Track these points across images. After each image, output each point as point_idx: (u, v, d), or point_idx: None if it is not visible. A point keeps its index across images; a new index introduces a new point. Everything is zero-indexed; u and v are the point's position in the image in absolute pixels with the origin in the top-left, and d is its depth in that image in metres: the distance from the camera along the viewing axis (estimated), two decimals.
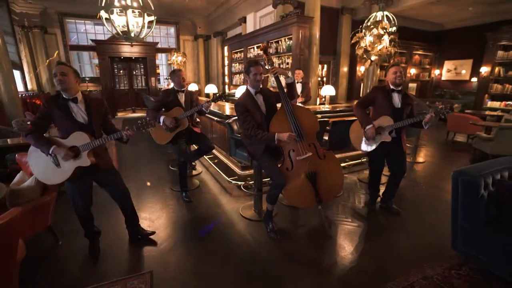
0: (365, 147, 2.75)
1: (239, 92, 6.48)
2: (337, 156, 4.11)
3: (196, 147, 3.26)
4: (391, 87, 2.65)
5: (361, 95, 7.56)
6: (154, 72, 10.70)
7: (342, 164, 4.20)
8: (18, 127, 4.44)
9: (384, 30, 4.38)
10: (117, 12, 5.83)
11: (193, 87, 7.93)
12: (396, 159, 2.78)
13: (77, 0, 8.41)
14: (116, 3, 5.71)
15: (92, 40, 9.10)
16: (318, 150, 2.42)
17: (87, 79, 9.93)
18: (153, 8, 6.11)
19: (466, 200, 2.02)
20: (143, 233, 2.43)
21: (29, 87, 8.65)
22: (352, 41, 4.84)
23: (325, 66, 8.17)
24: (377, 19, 5.08)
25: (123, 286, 1.87)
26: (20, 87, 8.11)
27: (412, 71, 9.54)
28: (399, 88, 2.65)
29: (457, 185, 2.06)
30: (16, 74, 7.99)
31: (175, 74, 3.03)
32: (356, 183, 3.75)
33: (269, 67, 2.49)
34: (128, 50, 9.47)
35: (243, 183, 3.57)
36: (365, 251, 2.31)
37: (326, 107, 4.16)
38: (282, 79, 2.47)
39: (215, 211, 3.00)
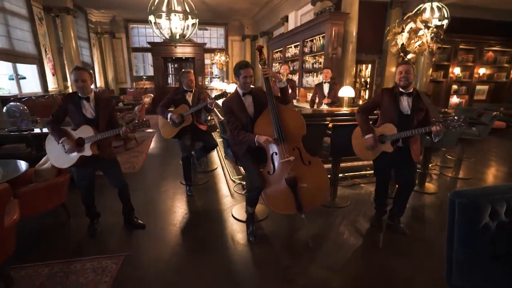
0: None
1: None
2: (354, 164, 3.83)
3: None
4: (400, 89, 2.33)
5: None
6: (202, 71, 11.38)
7: (358, 173, 3.86)
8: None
9: (424, 24, 3.83)
10: (165, 17, 6.37)
11: (234, 87, 8.13)
12: (404, 170, 2.44)
13: (140, 7, 9.47)
14: (163, 9, 6.23)
15: (148, 43, 10.14)
16: (303, 155, 2.28)
17: (144, 77, 11.11)
18: (195, 12, 6.48)
19: (463, 228, 1.67)
20: (134, 222, 2.65)
21: (98, 84, 10.10)
22: (388, 38, 4.37)
23: (369, 66, 7.53)
24: (423, 11, 4.48)
25: (99, 263, 2.09)
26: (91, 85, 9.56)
27: (482, 71, 8.09)
28: (410, 90, 2.31)
29: (454, 209, 1.71)
30: None
31: (184, 75, 3.19)
32: (371, 195, 3.40)
33: (262, 67, 2.43)
34: (178, 51, 10.26)
35: (244, 181, 3.57)
36: (346, 271, 2.09)
37: (344, 110, 3.85)
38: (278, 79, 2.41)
39: (211, 207, 3.08)
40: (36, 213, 2.55)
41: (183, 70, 3.27)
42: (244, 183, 3.55)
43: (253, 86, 2.46)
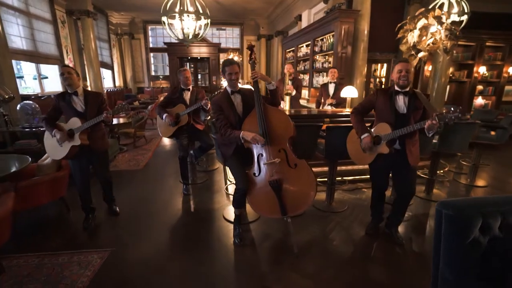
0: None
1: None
2: (357, 167, 3.68)
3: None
4: (396, 88, 2.20)
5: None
6: (217, 71, 11.50)
7: (360, 177, 3.69)
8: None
9: (437, 20, 3.59)
10: (178, 18, 6.49)
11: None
12: (402, 176, 2.30)
13: (157, 9, 9.74)
14: (176, 10, 6.33)
15: (165, 43, 10.40)
16: (289, 158, 2.20)
17: (161, 76, 11.42)
18: (208, 12, 6.54)
19: (450, 243, 1.53)
20: (112, 208, 2.88)
21: (117, 84, 10.51)
22: (398, 36, 4.15)
23: (385, 65, 7.21)
24: (440, 6, 4.20)
25: (85, 257, 2.16)
26: (110, 84, 9.98)
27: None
28: (406, 89, 2.17)
29: (440, 221, 1.57)
30: (108, 73, 9.86)
31: (180, 73, 3.23)
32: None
33: (251, 71, 2.39)
34: (193, 51, 10.45)
35: None
36: (327, 281, 1.99)
37: (347, 111, 3.70)
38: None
39: (204, 207, 3.08)
40: (36, 206, 2.68)
41: (180, 68, 3.30)
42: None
43: (245, 87, 2.44)
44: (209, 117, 3.73)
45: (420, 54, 3.81)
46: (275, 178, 2.16)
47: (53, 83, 6.95)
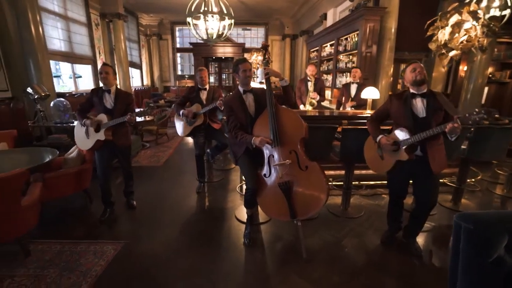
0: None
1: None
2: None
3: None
4: (411, 90, 2.06)
5: (461, 100, 5.96)
6: None
7: (380, 182, 3.51)
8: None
9: (472, 15, 3.32)
10: (202, 19, 6.63)
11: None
12: (422, 184, 2.14)
13: (184, 10, 10.05)
14: (201, 10, 6.46)
15: (190, 43, 10.68)
16: (300, 160, 2.15)
17: (187, 76, 11.74)
18: (232, 13, 6.60)
19: (469, 260, 1.40)
20: (130, 202, 3.01)
21: (145, 83, 10.98)
22: (428, 33, 3.91)
23: None
24: (475, 1, 3.88)
25: (100, 247, 2.27)
26: (138, 83, 10.45)
27: None
28: (424, 91, 2.02)
29: (459, 236, 1.45)
30: (137, 72, 10.33)
31: (197, 72, 3.29)
32: None
33: (264, 66, 2.37)
34: (218, 51, 10.61)
35: None
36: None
37: (367, 112, 3.53)
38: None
39: (218, 206, 3.11)
40: (62, 196, 2.87)
41: (198, 68, 3.35)
42: None
43: (257, 87, 2.43)
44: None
45: (452, 53, 3.56)
46: (284, 180, 2.12)
47: (87, 82, 7.41)
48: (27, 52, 4.67)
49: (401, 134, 2.06)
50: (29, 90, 4.01)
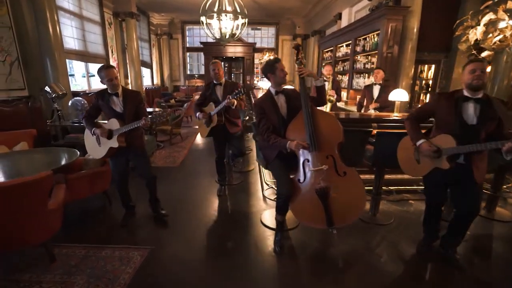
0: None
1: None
2: (403, 176, 3.38)
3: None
4: (465, 93, 1.91)
5: None
6: (251, 70, 11.52)
7: (407, 187, 3.39)
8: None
9: (508, 14, 3.17)
10: (216, 18, 6.57)
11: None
12: (464, 193, 2.01)
13: (195, 9, 9.99)
14: (215, 9, 6.39)
15: (201, 43, 10.63)
16: (338, 165, 2.05)
17: (196, 75, 11.70)
18: (246, 12, 6.51)
19: None
20: (159, 212, 2.73)
21: (155, 82, 10.96)
22: (457, 33, 3.77)
23: (433, 66, 6.64)
24: None
25: (126, 253, 2.19)
26: (148, 82, 10.43)
27: None
28: (479, 95, 1.88)
29: None
30: (147, 71, 10.31)
31: (210, 66, 3.01)
32: (421, 215, 2.92)
33: (297, 67, 2.26)
34: (229, 51, 10.55)
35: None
36: None
37: (395, 115, 3.41)
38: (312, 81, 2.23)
39: (241, 210, 3.02)
40: (82, 198, 2.80)
41: (211, 61, 3.07)
42: (275, 187, 3.41)
43: (288, 88, 2.33)
44: (247, 117, 3.65)
45: (484, 54, 3.41)
46: (322, 186, 2.01)
47: (99, 81, 7.39)
48: (44, 50, 4.64)
49: (445, 141, 1.93)
50: (47, 89, 3.97)
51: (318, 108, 2.21)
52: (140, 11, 8.97)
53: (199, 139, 6.16)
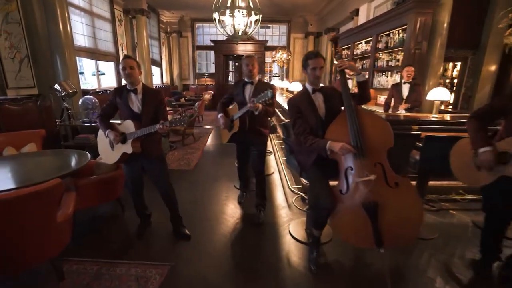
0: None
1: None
2: (444, 183, 3.07)
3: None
4: None
5: None
6: (262, 69, 11.23)
7: (446, 196, 3.07)
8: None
9: None
10: (228, 14, 6.33)
11: (296, 86, 6.25)
12: None
13: (206, 6, 9.78)
14: (228, 4, 6.13)
15: (211, 40, 10.40)
16: (387, 174, 1.76)
17: (206, 74, 11.47)
18: (259, 7, 6.25)
19: None
20: (181, 231, 2.40)
21: (164, 80, 10.77)
22: (500, 25, 3.43)
23: (458, 64, 6.27)
24: None
25: (143, 271, 1.94)
26: (158, 81, 10.24)
27: None
28: None
29: None
30: (156, 70, 10.12)
31: (243, 61, 2.53)
32: (468, 228, 2.64)
33: (336, 61, 1.99)
34: (239, 49, 10.28)
35: (304, 194, 3.15)
36: None
37: (433, 117, 3.09)
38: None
39: (265, 219, 2.73)
40: (93, 206, 2.58)
41: (245, 56, 2.58)
42: (305, 195, 3.13)
43: (327, 85, 2.05)
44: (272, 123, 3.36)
45: None
46: (370, 199, 1.73)
47: (109, 79, 7.22)
48: (54, 47, 4.46)
49: None
50: (57, 86, 3.77)
51: (363, 108, 1.93)
52: (150, 8, 8.77)
53: (212, 140, 5.92)
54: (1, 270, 1.57)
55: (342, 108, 1.97)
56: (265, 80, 11.45)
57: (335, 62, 2.00)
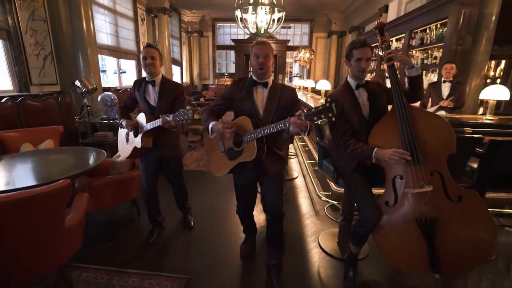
0: None
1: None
2: (502, 195, 2.68)
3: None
4: None
5: None
6: (283, 69, 10.97)
7: (501, 210, 2.67)
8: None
9: None
10: (251, 12, 6.15)
11: (323, 84, 5.50)
12: None
13: (227, 6, 9.68)
14: (251, 1, 5.94)
15: (232, 40, 10.27)
16: (447, 185, 1.45)
17: (226, 74, 11.38)
18: (282, 3, 6.03)
19: None
20: (186, 219, 2.47)
21: (184, 80, 10.77)
22: None
23: (502, 62, 5.70)
24: None
25: (158, 283, 1.74)
26: (178, 80, 10.25)
27: None
28: None
29: None
30: (177, 69, 10.14)
31: (250, 51, 1.69)
32: None
33: (383, 52, 1.70)
34: None
35: (336, 202, 2.86)
36: None
37: (487, 118, 2.70)
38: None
39: (290, 229, 2.48)
40: (107, 207, 2.43)
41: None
42: (336, 203, 2.84)
43: (372, 81, 1.77)
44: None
45: None
46: (427, 215, 1.43)
47: (130, 77, 7.24)
48: (77, 45, 4.46)
49: None
50: (77, 83, 3.71)
51: (416, 106, 1.63)
52: (172, 7, 8.78)
53: None
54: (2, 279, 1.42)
55: (389, 107, 1.68)
56: (286, 80, 11.17)
57: (380, 53, 1.69)
